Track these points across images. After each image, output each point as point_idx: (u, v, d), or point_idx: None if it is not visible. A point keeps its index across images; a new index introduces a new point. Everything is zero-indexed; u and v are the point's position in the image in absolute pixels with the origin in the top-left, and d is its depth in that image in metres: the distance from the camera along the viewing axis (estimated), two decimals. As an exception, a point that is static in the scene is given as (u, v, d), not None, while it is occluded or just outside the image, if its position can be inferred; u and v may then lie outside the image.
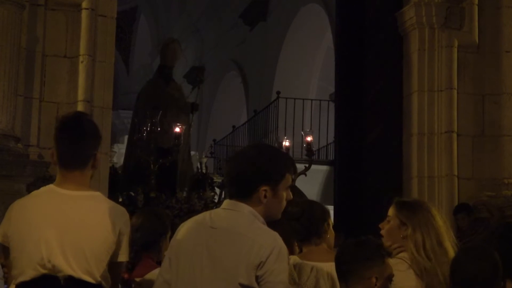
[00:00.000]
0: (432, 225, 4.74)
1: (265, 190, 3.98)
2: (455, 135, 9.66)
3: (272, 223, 4.13)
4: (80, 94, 8.58)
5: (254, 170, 3.99)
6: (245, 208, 4.01)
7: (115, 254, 4.17)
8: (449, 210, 9.21)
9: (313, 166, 11.74)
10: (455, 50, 9.80)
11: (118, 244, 4.17)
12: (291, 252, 4.85)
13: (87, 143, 4.25)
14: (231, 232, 3.97)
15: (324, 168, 16.25)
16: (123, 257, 4.21)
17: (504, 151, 9.60)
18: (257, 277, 3.85)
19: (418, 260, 4.62)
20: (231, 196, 4.07)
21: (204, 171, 11.73)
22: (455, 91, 9.74)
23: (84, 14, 8.73)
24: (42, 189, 4.30)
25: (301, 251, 5.03)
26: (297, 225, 4.88)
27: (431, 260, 4.59)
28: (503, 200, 9.19)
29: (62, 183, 4.19)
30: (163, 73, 11.99)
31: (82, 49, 8.67)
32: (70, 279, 4.08)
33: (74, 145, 4.22)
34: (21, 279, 4.10)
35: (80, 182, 4.19)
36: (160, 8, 26.46)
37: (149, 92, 11.79)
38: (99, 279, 4.14)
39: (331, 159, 15.96)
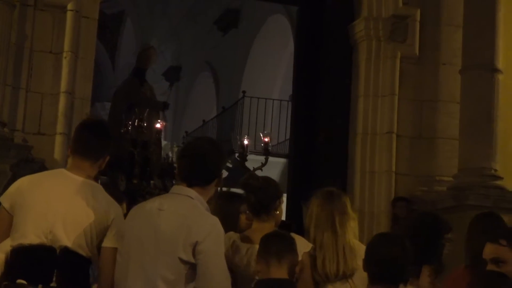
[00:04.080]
0: (343, 211, 4.78)
1: (218, 180, 4.11)
2: (395, 136, 9.71)
3: (226, 200, 4.21)
4: (63, 86, 8.61)
5: (214, 166, 4.07)
6: (192, 193, 4.06)
7: (103, 239, 4.25)
8: (387, 201, 9.28)
9: (272, 159, 11.82)
10: (398, 60, 9.85)
11: (107, 231, 4.25)
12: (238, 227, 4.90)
13: (101, 141, 4.42)
14: (175, 213, 4.01)
15: (282, 160, 16.30)
16: (109, 242, 4.25)
17: (438, 151, 9.67)
18: (194, 255, 3.90)
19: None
20: (190, 183, 4.11)
21: (172, 159, 11.82)
22: (397, 97, 9.79)
23: (69, 15, 8.73)
24: (54, 170, 4.58)
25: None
26: (252, 198, 4.84)
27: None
28: (435, 195, 9.25)
29: (73, 169, 4.30)
30: (138, 74, 12.06)
31: (66, 46, 8.68)
32: (66, 249, 4.17)
33: (90, 140, 4.37)
34: (21, 241, 4.18)
35: (89, 173, 4.35)
36: (144, 12, 26.38)
37: (125, 90, 11.86)
38: (90, 254, 4.25)
39: (288, 152, 16.01)
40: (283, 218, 5.52)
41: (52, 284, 4.14)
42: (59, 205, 4.21)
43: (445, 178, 9.39)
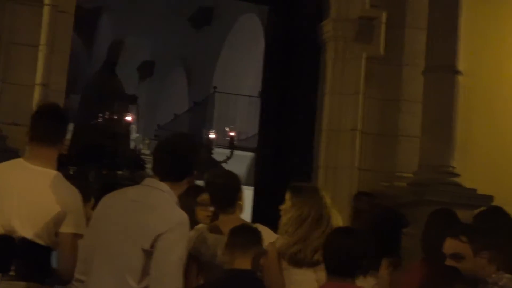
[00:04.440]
0: (324, 205, 4.81)
1: (190, 177, 4.13)
2: (358, 133, 9.75)
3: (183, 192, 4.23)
4: (38, 78, 8.59)
5: (188, 164, 4.09)
6: (163, 187, 4.06)
7: (61, 225, 4.24)
8: (350, 196, 9.31)
9: (241, 152, 11.86)
10: (364, 60, 9.89)
11: (64, 217, 4.21)
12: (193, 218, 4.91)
13: (57, 125, 4.37)
14: (145, 204, 4.00)
15: (250, 154, 16.33)
16: (66, 228, 4.22)
17: (399, 148, 9.72)
18: (155, 245, 3.89)
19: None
20: (162, 178, 4.11)
21: (143, 151, 11.83)
22: (362, 96, 9.83)
23: (46, 9, 8.70)
24: (12, 161, 4.48)
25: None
26: (217, 195, 4.87)
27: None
28: (396, 190, 9.29)
29: (32, 159, 4.26)
30: (108, 68, 12.06)
31: (43, 40, 8.66)
32: (24, 240, 4.15)
33: (47, 125, 4.34)
34: None
35: (48, 159, 4.27)
36: (120, 8, 26.28)
37: (96, 83, 11.86)
38: (48, 241, 4.23)
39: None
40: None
41: (11, 273, 4.12)
42: (14, 198, 4.18)
43: (406, 174, 9.45)
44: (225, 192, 4.86)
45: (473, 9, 9.83)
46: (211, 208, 5.34)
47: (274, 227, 5.55)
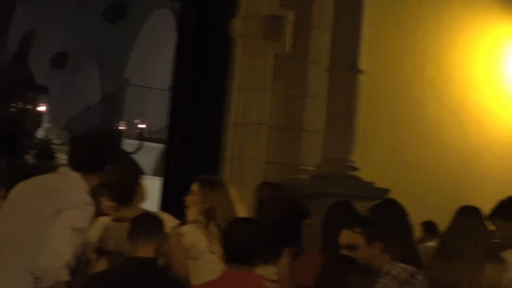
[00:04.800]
0: (227, 198, 4.80)
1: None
2: (264, 127, 9.78)
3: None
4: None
5: (102, 158, 4.04)
6: (74, 175, 4.02)
7: None
8: (255, 187, 9.31)
9: (151, 144, 11.74)
10: (271, 57, 9.91)
11: None
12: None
13: None
14: (51, 188, 3.97)
15: (160, 145, 16.21)
16: None
17: (303, 143, 9.79)
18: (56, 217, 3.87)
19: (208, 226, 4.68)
20: (75, 168, 4.06)
21: (54, 141, 11.62)
22: (268, 91, 9.86)
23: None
24: None
25: None
26: (115, 193, 4.83)
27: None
28: (298, 182, 9.35)
29: None
30: (19, 58, 11.82)
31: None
32: None
33: None
34: None
35: None
36: (35, 0, 25.75)
37: (7, 73, 11.61)
38: None
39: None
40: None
41: None
42: None
43: (309, 167, 9.53)
44: (121, 190, 4.83)
45: (376, 11, 9.97)
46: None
47: (182, 217, 5.51)
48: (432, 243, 7.47)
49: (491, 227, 5.24)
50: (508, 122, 11.40)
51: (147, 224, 4.18)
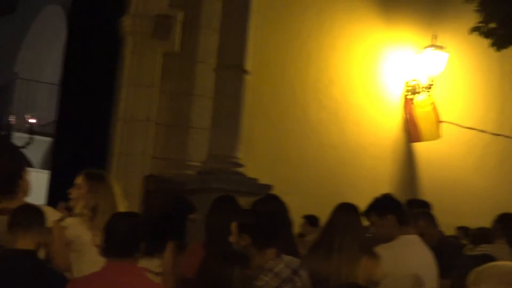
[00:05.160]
0: (110, 192, 4.69)
1: None
2: (152, 123, 9.65)
3: None
4: None
5: None
6: None
7: None
8: (140, 181, 9.17)
9: (41, 137, 11.40)
10: (160, 56, 9.79)
11: None
12: None
13: None
14: None
15: (49, 139, 15.79)
16: None
17: (189, 139, 9.74)
18: None
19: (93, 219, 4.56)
20: None
21: None
22: (157, 88, 9.73)
23: None
24: None
25: None
26: None
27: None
28: (185, 177, 9.27)
29: None
30: None
31: None
32: None
33: None
34: None
35: None
36: None
37: None
38: None
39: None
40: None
41: None
42: None
43: (195, 163, 9.48)
44: (2, 182, 4.65)
45: (263, 16, 10.02)
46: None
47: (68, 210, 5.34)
48: (312, 237, 7.53)
49: (366, 222, 5.31)
50: (383, 125, 11.67)
51: (28, 216, 4.01)
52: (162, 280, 5.10)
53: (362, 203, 5.24)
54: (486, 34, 8.95)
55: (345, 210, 4.98)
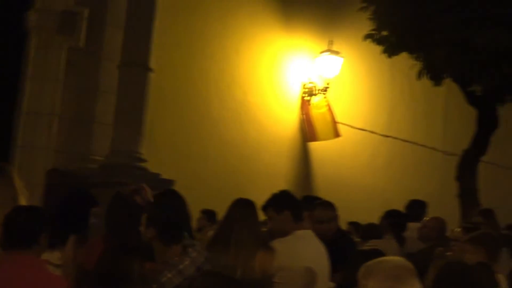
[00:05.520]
0: (11, 185, 4.54)
1: None
2: (55, 117, 9.43)
3: None
4: None
5: None
6: None
7: None
8: (43, 175, 8.95)
9: None
10: (65, 51, 9.56)
11: None
12: None
13: None
14: None
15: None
16: None
17: (93, 134, 9.57)
18: None
19: None
20: None
21: None
22: (61, 83, 9.50)
23: None
24: None
25: None
26: None
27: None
28: (88, 171, 9.10)
29: None
30: None
31: None
32: None
33: None
34: None
35: None
36: None
37: None
38: None
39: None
40: None
41: None
42: None
43: (98, 157, 9.32)
44: None
45: (167, 15, 9.93)
46: None
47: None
48: (211, 231, 7.50)
49: (263, 217, 5.32)
50: (282, 124, 11.80)
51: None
52: (62, 272, 4.97)
53: (261, 199, 5.26)
54: (379, 41, 9.14)
55: (242, 205, 4.98)
